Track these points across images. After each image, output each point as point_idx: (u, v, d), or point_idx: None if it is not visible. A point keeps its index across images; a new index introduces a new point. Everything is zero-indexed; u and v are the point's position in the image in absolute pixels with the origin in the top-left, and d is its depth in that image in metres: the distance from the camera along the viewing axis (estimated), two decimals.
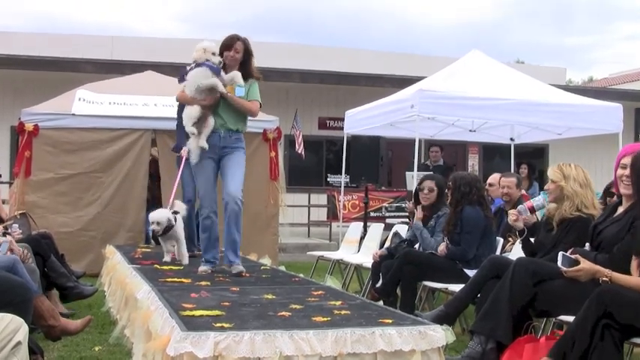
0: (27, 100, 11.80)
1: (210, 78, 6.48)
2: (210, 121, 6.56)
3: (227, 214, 6.53)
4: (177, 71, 7.04)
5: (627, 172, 4.56)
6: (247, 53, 6.70)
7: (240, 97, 6.63)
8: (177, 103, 7.59)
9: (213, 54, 6.53)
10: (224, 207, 6.57)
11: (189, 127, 6.52)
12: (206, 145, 6.52)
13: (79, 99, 10.44)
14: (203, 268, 6.58)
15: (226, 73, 6.59)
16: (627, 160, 4.57)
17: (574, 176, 5.42)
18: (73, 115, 10.09)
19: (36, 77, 15.70)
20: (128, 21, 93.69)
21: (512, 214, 5.71)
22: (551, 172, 5.51)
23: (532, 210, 5.74)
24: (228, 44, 6.62)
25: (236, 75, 6.56)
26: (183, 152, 7.30)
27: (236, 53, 6.62)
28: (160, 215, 7.00)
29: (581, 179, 5.43)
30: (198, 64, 6.57)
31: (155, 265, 6.83)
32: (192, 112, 6.54)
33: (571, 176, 5.41)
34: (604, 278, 4.15)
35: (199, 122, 6.54)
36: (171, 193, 7.52)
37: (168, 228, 6.99)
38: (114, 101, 10.54)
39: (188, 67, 6.73)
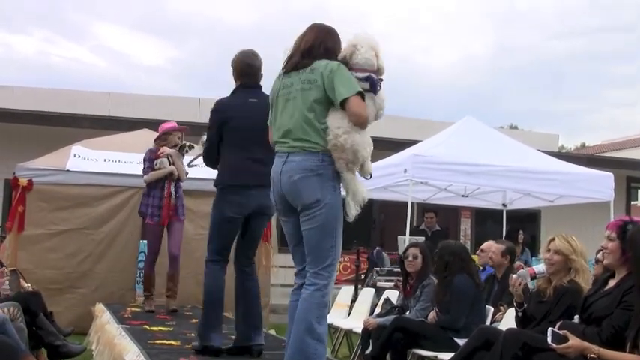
0: (23, 153, 11.83)
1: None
2: None
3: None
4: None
5: (606, 243, 4.68)
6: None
7: None
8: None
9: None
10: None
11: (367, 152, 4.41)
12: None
13: (75, 155, 10.50)
14: None
15: None
16: (608, 232, 4.67)
17: (581, 250, 5.34)
18: (68, 171, 10.13)
19: (32, 131, 15.76)
20: (125, 77, 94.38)
21: (513, 279, 5.38)
22: (560, 244, 5.34)
23: (533, 276, 5.45)
24: None
25: None
26: None
27: None
28: None
29: (584, 253, 5.38)
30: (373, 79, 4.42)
31: (145, 326, 6.80)
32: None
33: (578, 250, 5.33)
34: (592, 355, 4.15)
35: None
36: None
37: None
38: (109, 158, 10.60)
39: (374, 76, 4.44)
